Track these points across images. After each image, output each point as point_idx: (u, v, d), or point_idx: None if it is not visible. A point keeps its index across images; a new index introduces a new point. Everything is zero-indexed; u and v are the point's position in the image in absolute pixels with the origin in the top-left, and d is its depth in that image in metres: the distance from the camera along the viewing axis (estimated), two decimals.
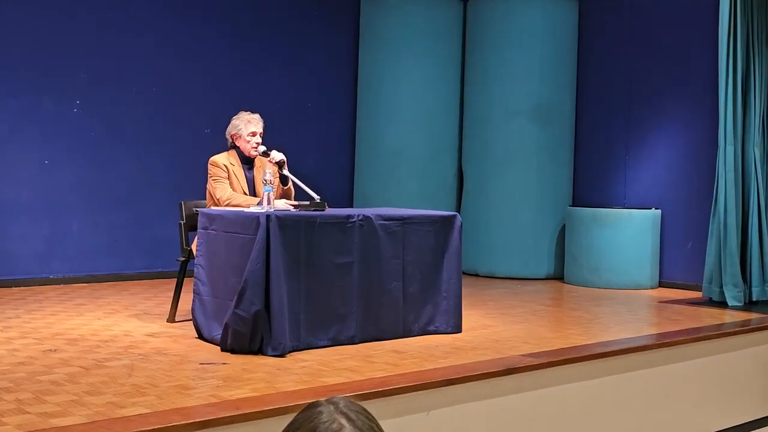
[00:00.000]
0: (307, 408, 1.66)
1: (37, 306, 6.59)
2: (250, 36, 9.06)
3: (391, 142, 9.56)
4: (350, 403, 1.66)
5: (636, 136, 9.13)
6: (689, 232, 8.65)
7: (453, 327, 5.83)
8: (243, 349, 4.96)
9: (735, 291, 7.41)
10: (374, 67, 9.70)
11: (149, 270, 8.35)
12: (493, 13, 9.48)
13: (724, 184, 7.46)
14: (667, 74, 8.88)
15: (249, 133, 6.03)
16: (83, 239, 8.03)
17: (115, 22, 8.17)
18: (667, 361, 5.62)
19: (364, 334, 5.44)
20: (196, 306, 5.38)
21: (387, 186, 9.52)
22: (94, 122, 8.08)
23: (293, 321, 5.08)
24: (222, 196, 5.84)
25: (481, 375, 4.54)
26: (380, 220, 5.56)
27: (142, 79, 8.36)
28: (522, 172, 9.30)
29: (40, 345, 5.11)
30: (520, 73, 9.32)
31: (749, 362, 6.30)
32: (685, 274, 8.65)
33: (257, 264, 4.92)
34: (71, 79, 7.93)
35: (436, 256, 5.83)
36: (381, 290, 5.54)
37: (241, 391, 4.07)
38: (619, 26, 9.31)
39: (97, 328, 5.72)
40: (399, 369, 4.67)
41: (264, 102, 8.71)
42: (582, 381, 5.06)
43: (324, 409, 1.63)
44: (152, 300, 7.03)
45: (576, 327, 6.26)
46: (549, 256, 9.37)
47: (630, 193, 9.16)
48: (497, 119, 9.40)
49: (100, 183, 8.12)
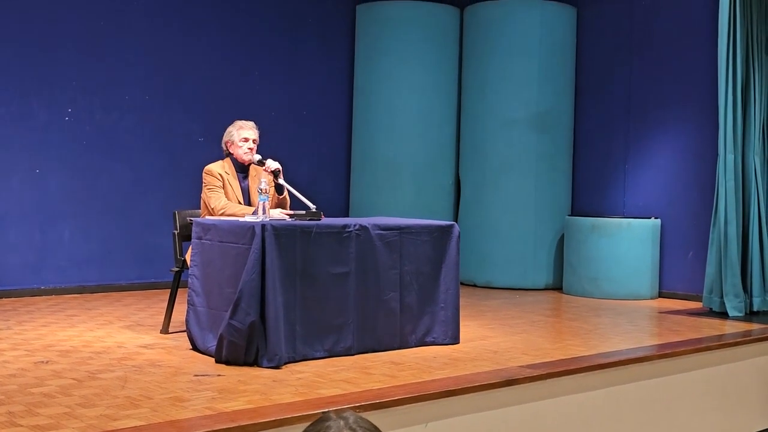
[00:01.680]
0: (317, 421, 1.66)
1: (29, 317, 6.52)
2: (244, 44, 9.02)
3: (388, 151, 9.51)
4: (359, 419, 1.64)
5: (635, 145, 9.09)
6: (689, 242, 8.61)
7: (451, 338, 5.78)
8: (238, 361, 4.91)
9: (736, 301, 7.37)
10: (370, 75, 9.66)
11: (142, 280, 8.29)
12: (491, 20, 9.45)
13: (725, 192, 7.42)
14: (667, 82, 8.85)
15: (241, 139, 5.99)
16: (75, 249, 7.96)
17: (107, 29, 8.11)
18: (667, 372, 5.58)
19: (360, 345, 5.39)
20: (190, 317, 5.33)
21: (384, 195, 9.47)
22: (85, 130, 8.01)
23: (289, 332, 5.03)
24: (217, 205, 5.79)
25: (479, 386, 4.50)
26: (377, 230, 5.51)
27: (135, 87, 8.30)
28: (520, 180, 9.26)
29: (32, 357, 5.06)
30: (518, 80, 9.28)
31: (750, 373, 6.26)
32: (685, 284, 8.61)
33: (252, 274, 4.87)
34: (63, 86, 7.87)
35: (433, 266, 5.78)
36: (378, 301, 5.49)
37: (237, 403, 4.03)
38: (618, 33, 9.28)
39: (89, 339, 5.66)
40: (396, 380, 4.62)
41: (259, 110, 8.68)
42: (582, 392, 5.02)
43: (333, 424, 1.63)
44: (145, 311, 6.97)
45: (575, 338, 6.21)
46: (548, 266, 9.31)
47: (629, 202, 9.12)
48: (495, 127, 9.36)
49: (92, 192, 8.06)
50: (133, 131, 8.30)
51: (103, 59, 8.09)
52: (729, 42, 7.42)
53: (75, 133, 7.95)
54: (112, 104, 8.16)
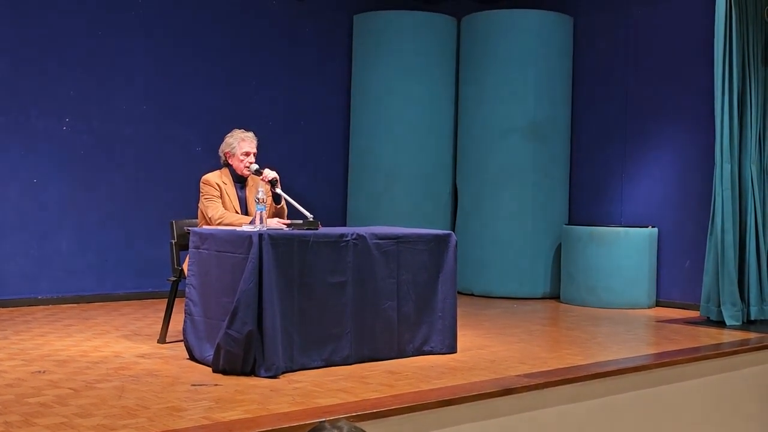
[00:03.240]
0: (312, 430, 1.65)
1: (25, 327, 6.51)
2: (242, 53, 9.03)
3: (385, 160, 9.51)
4: (354, 428, 1.64)
5: (632, 154, 9.10)
6: (686, 251, 8.61)
7: (448, 347, 5.78)
8: (235, 370, 4.90)
9: (733, 310, 7.37)
10: (368, 85, 9.67)
11: (139, 290, 8.28)
12: (488, 29, 9.46)
13: (721, 201, 7.42)
14: (663, 91, 8.86)
15: (242, 153, 5.98)
16: (72, 259, 7.95)
17: (105, 38, 8.12)
18: (665, 381, 5.58)
19: (358, 354, 5.38)
20: (187, 326, 5.32)
21: (381, 204, 9.48)
22: (83, 140, 8.01)
23: (286, 341, 5.02)
24: (214, 214, 5.79)
25: (477, 396, 4.50)
26: (374, 239, 5.51)
27: (133, 97, 8.31)
28: (517, 190, 9.26)
29: (29, 366, 5.05)
30: (515, 90, 9.30)
31: (748, 382, 6.25)
32: (682, 293, 8.62)
33: (250, 284, 4.87)
34: (60, 95, 7.87)
35: (431, 276, 5.78)
36: (375, 310, 5.49)
37: (234, 413, 4.02)
38: (615, 43, 9.30)
39: (86, 349, 5.65)
40: (394, 390, 4.62)
41: (257, 120, 8.69)
42: (579, 401, 5.02)
43: None
44: (143, 320, 6.96)
45: (573, 347, 6.21)
46: (545, 275, 9.31)
47: (626, 211, 9.12)
48: (492, 136, 9.37)
49: (89, 201, 8.05)
50: (130, 141, 8.30)
51: (100, 68, 8.09)
52: (725, 52, 7.44)
53: (73, 143, 7.95)
54: (109, 114, 8.16)
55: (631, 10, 9.16)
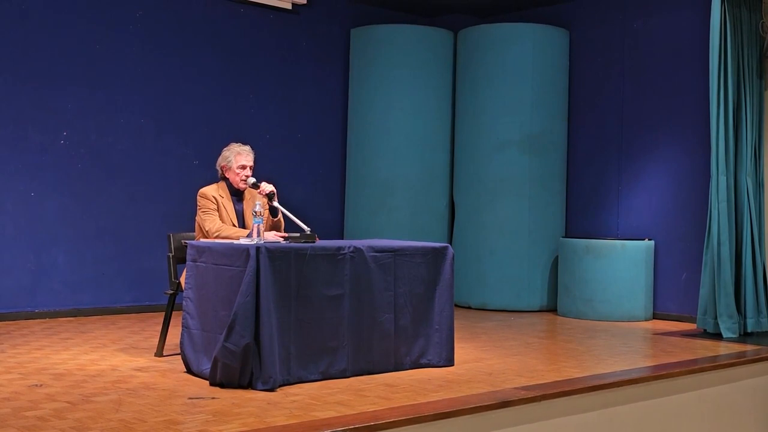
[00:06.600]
0: None
1: (22, 340, 6.50)
2: (239, 67, 9.06)
3: (382, 173, 9.53)
4: None
5: (628, 167, 9.12)
6: (683, 263, 8.62)
7: (445, 360, 5.78)
8: (232, 384, 4.90)
9: (730, 322, 7.37)
10: (365, 98, 9.69)
11: (137, 303, 8.28)
12: (484, 43, 9.50)
13: (717, 214, 7.44)
14: (659, 104, 8.89)
15: (239, 166, 5.98)
16: (69, 272, 7.95)
17: (103, 53, 8.14)
18: (662, 394, 5.57)
19: (355, 367, 5.38)
20: (184, 339, 5.32)
21: (378, 217, 9.49)
22: (81, 153, 8.03)
23: (283, 354, 5.02)
24: (211, 228, 5.80)
25: (474, 408, 4.49)
26: (371, 252, 5.51)
27: (130, 110, 8.33)
28: (514, 202, 9.28)
29: (26, 380, 5.04)
30: (512, 103, 9.33)
31: (745, 394, 6.25)
32: (679, 305, 8.63)
33: (247, 297, 4.87)
34: (58, 109, 7.89)
35: (427, 288, 5.78)
36: (372, 323, 5.49)
37: (231, 426, 4.01)
38: (611, 56, 9.34)
39: (83, 362, 5.65)
40: (391, 403, 4.61)
41: (254, 133, 8.72)
42: (576, 414, 5.01)
43: None
44: (140, 334, 6.95)
45: (570, 359, 6.21)
46: (542, 287, 9.32)
47: (623, 223, 9.14)
48: (489, 149, 9.39)
49: (86, 215, 8.06)
50: (127, 154, 8.31)
51: (98, 83, 8.11)
52: (720, 65, 7.47)
53: (70, 157, 7.96)
54: (107, 128, 8.18)
55: (627, 23, 9.19)
